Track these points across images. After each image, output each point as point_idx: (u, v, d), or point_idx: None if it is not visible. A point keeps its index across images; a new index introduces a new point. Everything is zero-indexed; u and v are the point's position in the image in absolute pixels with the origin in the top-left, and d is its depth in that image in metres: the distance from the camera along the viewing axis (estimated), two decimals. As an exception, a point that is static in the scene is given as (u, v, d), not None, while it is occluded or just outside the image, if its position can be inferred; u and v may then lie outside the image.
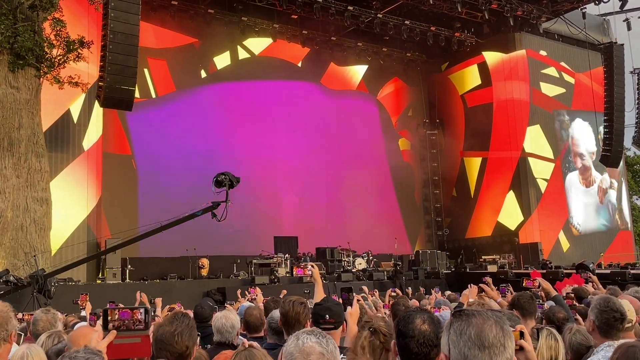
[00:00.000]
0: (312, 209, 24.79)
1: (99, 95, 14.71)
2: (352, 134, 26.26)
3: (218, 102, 23.88)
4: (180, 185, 22.30)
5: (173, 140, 22.46)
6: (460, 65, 28.34)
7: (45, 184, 15.55)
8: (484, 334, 1.87)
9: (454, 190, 28.63)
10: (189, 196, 22.28)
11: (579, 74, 27.53)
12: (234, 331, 4.42)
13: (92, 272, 18.25)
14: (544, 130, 26.29)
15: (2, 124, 14.71)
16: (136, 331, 2.31)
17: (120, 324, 2.29)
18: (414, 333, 2.41)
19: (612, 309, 3.62)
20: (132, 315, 2.31)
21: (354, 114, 27.04)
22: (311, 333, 2.26)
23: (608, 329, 3.60)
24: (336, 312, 3.46)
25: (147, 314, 2.30)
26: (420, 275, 19.94)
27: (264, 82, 24.98)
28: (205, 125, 23.21)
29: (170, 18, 22.42)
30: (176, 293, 14.72)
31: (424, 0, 23.22)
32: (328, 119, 26.50)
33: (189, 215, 12.07)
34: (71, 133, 18.40)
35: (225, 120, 23.88)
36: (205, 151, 23.10)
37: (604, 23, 28.94)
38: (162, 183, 21.93)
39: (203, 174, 22.79)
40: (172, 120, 22.58)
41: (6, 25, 14.31)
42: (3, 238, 14.35)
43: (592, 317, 3.69)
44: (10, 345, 2.81)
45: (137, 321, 2.31)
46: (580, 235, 26.38)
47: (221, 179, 11.35)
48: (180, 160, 22.43)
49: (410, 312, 2.52)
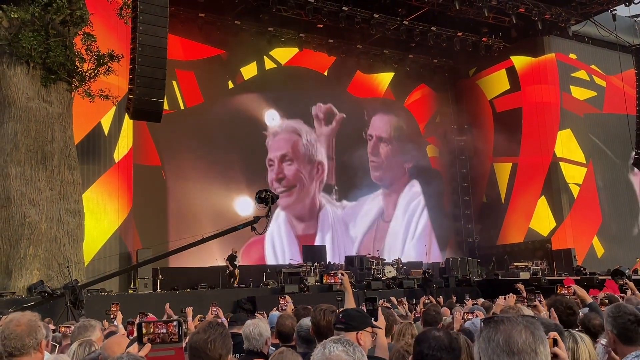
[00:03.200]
0: (342, 217, 24.75)
1: (128, 108, 14.89)
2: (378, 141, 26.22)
3: (245, 112, 24.07)
4: (209, 195, 22.52)
5: (201, 150, 22.68)
6: (488, 70, 28.09)
7: (78, 196, 15.80)
8: (512, 340, 1.82)
9: (484, 196, 28.32)
10: (217, 206, 22.52)
11: (610, 76, 27.05)
12: (261, 339, 4.41)
13: (124, 283, 18.47)
14: (575, 134, 25.87)
15: (35, 138, 15.01)
16: (170, 344, 2.32)
17: (155, 337, 2.30)
18: (427, 338, 2.50)
19: (625, 312, 3.48)
20: (166, 328, 2.32)
21: (380, 121, 27.02)
22: (338, 342, 2.25)
23: (627, 333, 3.43)
24: (352, 315, 3.41)
25: (180, 327, 2.31)
26: (451, 283, 19.70)
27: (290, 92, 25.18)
28: (232, 135, 23.40)
29: (197, 30, 22.70)
30: (207, 302, 14.76)
31: (450, 6, 23.09)
32: (355, 126, 26.56)
33: (231, 228, 12.94)
34: (102, 145, 18.69)
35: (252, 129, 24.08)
36: (232, 161, 23.29)
37: (634, 24, 28.40)
38: (191, 193, 22.15)
39: (231, 184, 23.06)
40: (200, 130, 22.81)
41: (38, 41, 14.62)
42: (37, 249, 14.61)
43: (609, 328, 3.52)
44: (41, 355, 2.84)
45: (171, 334, 2.32)
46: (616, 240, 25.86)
47: (264, 195, 12.28)
48: (209, 170, 22.63)
49: (425, 332, 2.64)
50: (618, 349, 3.50)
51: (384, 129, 27.66)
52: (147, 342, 2.30)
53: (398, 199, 27.49)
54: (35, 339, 2.69)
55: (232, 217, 22.31)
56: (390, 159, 27.50)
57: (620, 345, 3.48)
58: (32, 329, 2.68)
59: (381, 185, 27.20)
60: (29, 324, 2.69)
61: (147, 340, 2.29)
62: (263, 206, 12.32)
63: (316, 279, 18.64)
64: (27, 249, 14.48)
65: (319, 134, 25.98)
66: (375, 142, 27.41)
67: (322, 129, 26.08)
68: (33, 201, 14.74)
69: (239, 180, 23.19)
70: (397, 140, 27.74)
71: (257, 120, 24.45)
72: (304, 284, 17.70)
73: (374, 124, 27.48)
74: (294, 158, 25.12)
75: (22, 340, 2.65)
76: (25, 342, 2.65)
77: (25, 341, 2.65)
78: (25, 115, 14.98)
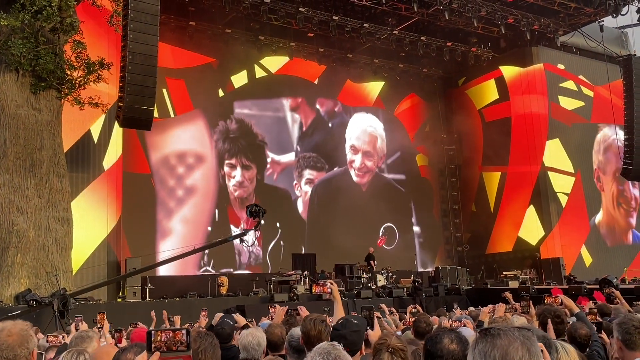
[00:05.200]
0: (330, 225, 24.75)
1: (118, 116, 14.88)
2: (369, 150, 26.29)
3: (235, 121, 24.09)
4: (199, 204, 22.47)
5: (191, 158, 22.65)
6: (478, 80, 28.28)
7: (67, 203, 15.71)
8: (509, 357, 1.78)
9: (473, 205, 28.44)
10: (207, 215, 22.49)
11: (598, 86, 27.32)
12: (260, 349, 4.41)
13: (113, 291, 18.35)
14: (564, 143, 26.07)
15: (24, 145, 14.93)
16: (178, 352, 2.32)
17: (163, 346, 2.31)
18: (442, 353, 2.41)
19: (630, 318, 3.69)
20: (174, 337, 2.32)
21: (371, 130, 27.09)
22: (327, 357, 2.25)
23: (629, 337, 3.61)
24: (352, 341, 3.34)
25: (188, 335, 2.31)
26: (440, 292, 19.75)
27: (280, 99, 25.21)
28: (223, 143, 23.42)
29: (188, 38, 22.71)
30: (196, 311, 14.72)
31: (439, 16, 23.27)
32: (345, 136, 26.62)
33: (222, 240, 13.94)
34: (91, 153, 18.61)
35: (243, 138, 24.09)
36: (223, 169, 23.28)
37: (622, 36, 28.76)
38: (181, 202, 22.10)
39: (221, 193, 23.04)
40: (190, 138, 22.79)
41: (28, 48, 14.57)
42: (25, 258, 14.50)
43: (617, 334, 3.71)
44: (32, 364, 2.84)
45: (180, 342, 2.32)
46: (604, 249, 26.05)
47: (255, 210, 13.06)
48: (199, 179, 22.61)
49: (438, 332, 2.52)
50: (625, 356, 3.68)
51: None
52: (155, 351, 2.30)
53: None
54: (27, 348, 2.68)
55: (220, 226, 22.30)
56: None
57: (625, 351, 3.65)
58: (23, 338, 2.67)
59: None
60: (20, 334, 2.68)
61: (154, 348, 2.30)
62: (252, 220, 13.04)
63: (306, 287, 18.64)
64: (15, 257, 14.37)
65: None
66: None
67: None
68: (21, 209, 14.65)
69: (229, 189, 23.23)
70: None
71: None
72: (294, 292, 17.68)
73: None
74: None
75: (14, 351, 2.63)
76: (17, 352, 2.64)
77: (17, 351, 2.64)
78: (14, 122, 14.90)
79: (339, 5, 23.26)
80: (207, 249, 14.02)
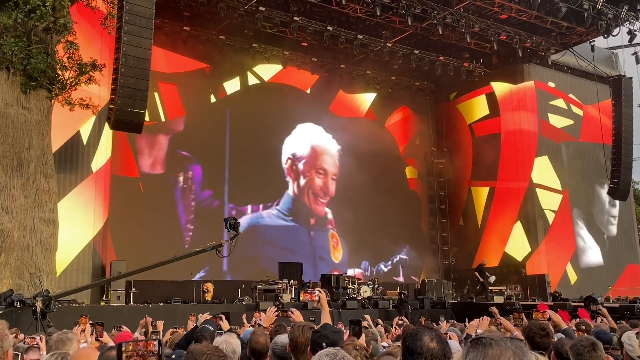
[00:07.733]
0: (318, 236, 24.72)
1: (109, 118, 14.81)
2: (359, 161, 26.27)
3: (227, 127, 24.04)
4: (186, 209, 22.38)
5: (181, 163, 22.57)
6: (469, 95, 28.44)
7: (53, 204, 15.57)
8: None
9: (460, 219, 28.51)
10: (194, 220, 22.38)
11: (588, 106, 27.56)
12: (235, 356, 4.34)
13: (96, 294, 18.17)
14: (552, 161, 26.23)
15: (12, 144, 14.80)
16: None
17: (134, 356, 2.28)
18: (422, 350, 2.35)
19: (579, 339, 3.98)
20: (145, 347, 2.29)
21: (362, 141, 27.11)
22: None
23: (581, 357, 3.81)
24: (333, 341, 3.36)
25: (160, 346, 2.28)
26: (426, 305, 19.75)
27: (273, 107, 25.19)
28: (213, 149, 23.35)
29: (182, 43, 22.68)
30: (180, 317, 14.61)
31: (433, 31, 23.41)
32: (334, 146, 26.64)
33: (200, 250, 14.46)
34: (80, 155, 18.48)
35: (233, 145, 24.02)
36: (211, 176, 23.22)
37: (612, 56, 29.05)
38: (168, 206, 21.98)
39: (209, 198, 22.96)
40: (180, 143, 22.72)
41: (20, 47, 14.49)
42: (9, 258, 14.33)
43: (571, 356, 3.94)
44: (5, 364, 2.78)
45: (151, 352, 2.29)
46: (589, 268, 26.17)
47: (232, 222, 13.79)
48: (187, 183, 22.52)
49: (417, 329, 2.47)
50: None
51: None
52: None
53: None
54: (1, 347, 2.63)
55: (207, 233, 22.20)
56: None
57: None
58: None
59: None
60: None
61: (126, 358, 2.27)
62: (230, 232, 13.79)
63: (291, 296, 18.56)
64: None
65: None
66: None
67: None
68: (6, 208, 14.48)
69: (216, 194, 23.15)
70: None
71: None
72: (279, 301, 17.60)
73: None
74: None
75: (-11, 349, 2.59)
76: (-9, 351, 2.59)
77: (-8, 350, 2.59)
78: (3, 121, 14.77)
79: (334, 16, 23.34)
80: (186, 258, 14.61)
